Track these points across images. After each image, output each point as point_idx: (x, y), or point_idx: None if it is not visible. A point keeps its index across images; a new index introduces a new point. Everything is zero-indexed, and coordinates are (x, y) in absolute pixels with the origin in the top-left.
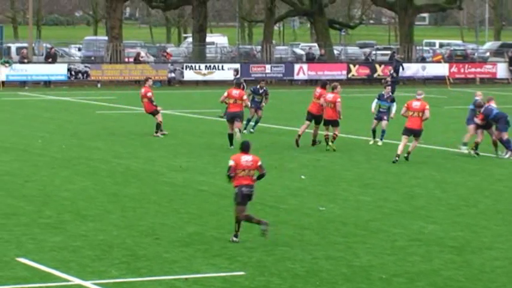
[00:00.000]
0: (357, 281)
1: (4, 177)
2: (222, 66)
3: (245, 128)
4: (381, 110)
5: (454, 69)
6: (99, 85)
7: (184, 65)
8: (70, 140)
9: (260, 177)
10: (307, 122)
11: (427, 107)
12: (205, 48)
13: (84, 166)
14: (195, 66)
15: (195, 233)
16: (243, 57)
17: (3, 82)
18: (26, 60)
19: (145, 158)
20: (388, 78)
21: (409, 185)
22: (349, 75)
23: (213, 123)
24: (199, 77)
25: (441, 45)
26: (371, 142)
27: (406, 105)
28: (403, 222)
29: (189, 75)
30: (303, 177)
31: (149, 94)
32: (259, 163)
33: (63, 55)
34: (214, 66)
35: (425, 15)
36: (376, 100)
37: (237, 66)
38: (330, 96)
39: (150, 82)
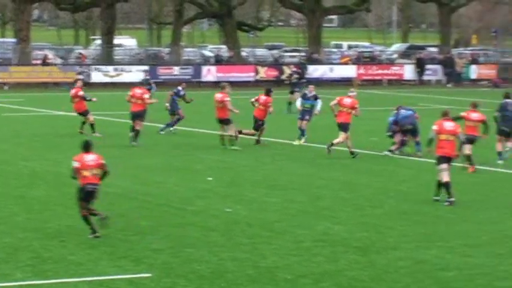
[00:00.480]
0: (263, 282)
1: None
2: (130, 68)
3: (162, 130)
4: (304, 109)
5: (361, 70)
6: (6, 87)
7: (93, 67)
8: None
9: (104, 175)
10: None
11: (357, 105)
12: (113, 50)
13: None
14: (103, 69)
15: (101, 235)
16: (151, 59)
17: None
18: None
19: (52, 160)
20: (293, 76)
21: (314, 186)
22: (258, 77)
23: (122, 125)
24: (107, 79)
25: (349, 47)
26: (296, 142)
27: (337, 100)
28: (308, 223)
29: (97, 77)
30: (209, 178)
31: (81, 93)
32: (102, 161)
33: None
34: (122, 68)
35: (334, 17)
36: (300, 99)
37: (145, 68)
38: (218, 96)
39: (80, 83)
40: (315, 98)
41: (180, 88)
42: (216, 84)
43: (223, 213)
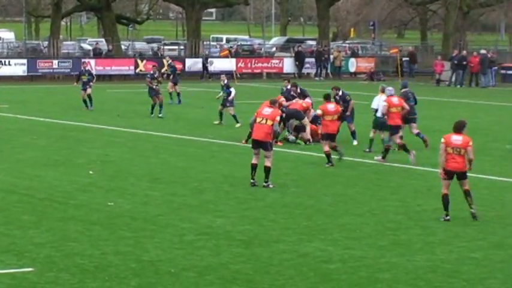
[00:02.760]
0: (146, 276)
1: None
2: (9, 62)
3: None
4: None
5: (241, 64)
6: None
7: None
8: None
9: None
10: None
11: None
12: None
13: None
14: None
15: None
16: (30, 52)
17: None
18: None
19: None
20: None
21: (197, 180)
22: (137, 70)
23: (2, 119)
24: None
25: (228, 41)
26: (216, 122)
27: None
28: (191, 216)
29: None
30: (91, 172)
31: None
32: None
33: None
34: (1, 61)
35: (213, 10)
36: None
37: (24, 61)
38: None
39: None
40: (228, 87)
41: (152, 72)
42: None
43: (106, 207)
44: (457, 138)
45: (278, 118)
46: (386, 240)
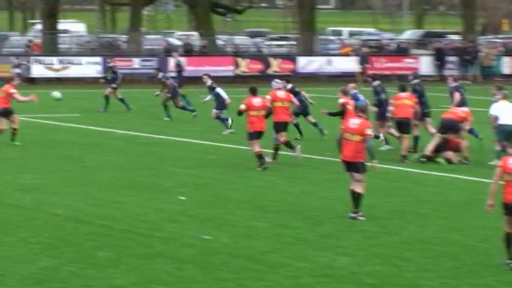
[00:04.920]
0: None
1: None
2: (80, 60)
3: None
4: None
5: (365, 63)
6: None
7: (32, 58)
8: None
9: None
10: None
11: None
12: (57, 37)
13: None
14: (45, 60)
15: (48, 268)
16: (105, 48)
17: None
18: None
19: None
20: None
21: (313, 208)
22: (238, 71)
23: (69, 130)
24: (51, 74)
25: (351, 35)
26: (226, 132)
27: (271, 96)
28: (307, 253)
29: (38, 70)
30: (182, 198)
31: (12, 90)
32: None
33: None
34: (69, 60)
35: None
36: None
37: (98, 59)
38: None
39: (16, 80)
40: (212, 89)
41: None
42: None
43: (200, 241)
44: None
45: (369, 131)
46: None
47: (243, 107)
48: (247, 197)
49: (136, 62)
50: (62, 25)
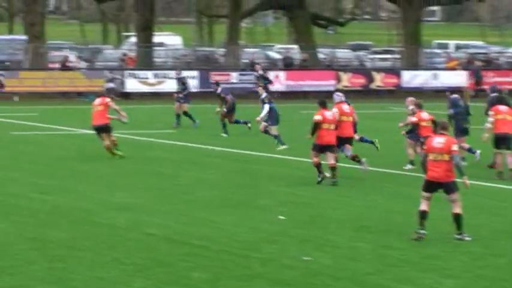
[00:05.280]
0: None
1: None
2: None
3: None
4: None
5: (471, 79)
6: (15, 98)
7: (126, 72)
8: None
9: None
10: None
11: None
12: (152, 51)
13: None
14: (139, 74)
15: None
16: (201, 62)
17: None
18: None
19: (76, 192)
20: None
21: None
22: (339, 86)
23: (163, 147)
24: (146, 88)
25: (457, 48)
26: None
27: (338, 110)
28: (411, 275)
29: (132, 85)
30: (281, 217)
31: (107, 100)
32: None
33: None
34: (164, 74)
35: (436, 8)
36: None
37: (195, 73)
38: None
39: (110, 96)
40: (263, 102)
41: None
42: (284, 95)
43: (301, 263)
44: None
45: (455, 147)
46: None
47: (318, 118)
48: (349, 217)
49: (234, 76)
50: (157, 38)
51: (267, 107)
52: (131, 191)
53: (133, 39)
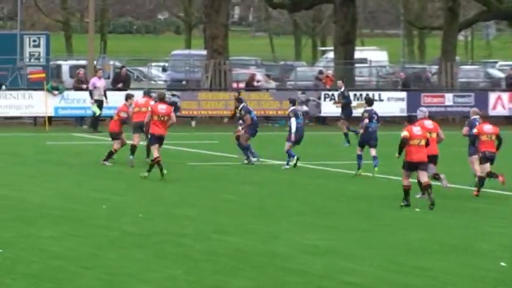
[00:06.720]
0: None
1: (53, 263)
2: (380, 96)
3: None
4: None
5: None
6: (193, 123)
7: (322, 93)
8: (150, 207)
9: None
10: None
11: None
12: (354, 68)
13: (170, 245)
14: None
15: None
16: (411, 81)
17: (49, 118)
18: (84, 86)
19: (261, 232)
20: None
21: None
22: None
23: (365, 181)
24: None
25: None
26: None
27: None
28: None
29: (329, 108)
30: (502, 264)
31: (122, 114)
32: None
33: (140, 78)
34: (368, 95)
35: None
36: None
37: (403, 95)
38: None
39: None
40: (289, 116)
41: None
42: (509, 121)
43: None
44: None
45: None
46: None
47: (405, 134)
48: None
49: (448, 98)
50: (359, 53)
51: (293, 121)
52: (327, 231)
53: (331, 55)
